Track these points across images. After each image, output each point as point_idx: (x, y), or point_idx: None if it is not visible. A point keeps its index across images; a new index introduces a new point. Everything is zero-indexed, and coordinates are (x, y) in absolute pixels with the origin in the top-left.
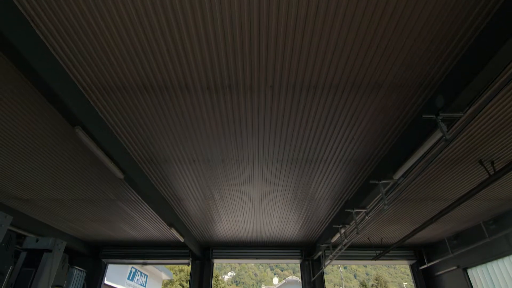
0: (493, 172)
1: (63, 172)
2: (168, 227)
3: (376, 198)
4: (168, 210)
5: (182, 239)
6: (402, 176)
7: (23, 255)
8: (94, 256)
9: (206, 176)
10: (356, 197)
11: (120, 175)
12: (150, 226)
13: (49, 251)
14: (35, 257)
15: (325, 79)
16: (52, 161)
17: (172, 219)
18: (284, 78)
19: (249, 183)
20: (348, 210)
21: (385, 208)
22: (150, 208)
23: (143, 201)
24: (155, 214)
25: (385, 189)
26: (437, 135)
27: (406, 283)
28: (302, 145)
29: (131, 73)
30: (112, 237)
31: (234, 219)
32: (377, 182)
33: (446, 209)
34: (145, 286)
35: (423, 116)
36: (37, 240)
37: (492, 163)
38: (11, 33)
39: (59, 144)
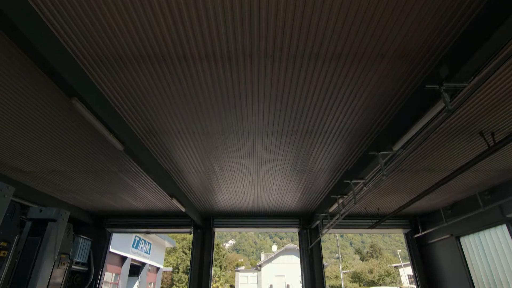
0: (492, 144)
1: (64, 145)
2: (170, 198)
3: (375, 169)
4: (169, 181)
5: (183, 209)
6: (402, 147)
7: (28, 224)
8: (98, 226)
9: (206, 148)
10: (355, 168)
11: (120, 147)
12: (152, 197)
13: (54, 220)
14: (40, 227)
15: (326, 49)
16: (53, 134)
17: (173, 190)
18: (285, 49)
19: (249, 154)
20: (347, 181)
21: (383, 178)
22: (151, 180)
23: (144, 173)
24: (156, 185)
25: (384, 160)
26: (439, 106)
27: (400, 251)
28: (302, 116)
29: (127, 43)
30: (115, 207)
31: (234, 190)
32: (376, 153)
33: (443, 180)
34: (149, 253)
35: (426, 86)
36: (40, 210)
37: (493, 134)
38: (3, 4)
39: (59, 117)
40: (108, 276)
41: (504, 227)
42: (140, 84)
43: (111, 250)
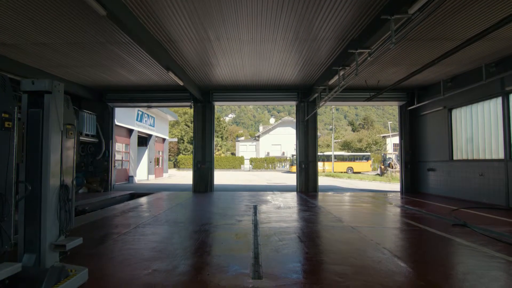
0: None
1: (41, 12)
2: (166, 71)
3: (384, 37)
4: (163, 53)
5: (181, 83)
6: (419, 9)
7: (24, 97)
8: (99, 101)
9: (200, 14)
10: (362, 36)
11: (102, 11)
12: (148, 71)
13: (49, 92)
14: (37, 99)
15: None
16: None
17: (168, 62)
18: None
19: (247, 21)
20: (351, 51)
21: (391, 47)
22: (143, 51)
23: (134, 43)
24: (150, 57)
25: (396, 26)
26: None
27: (390, 122)
28: None
29: None
30: (112, 82)
31: (232, 62)
32: (389, 17)
33: (455, 49)
34: (153, 126)
35: None
36: (33, 83)
37: None
38: None
39: None
40: (118, 146)
41: (498, 100)
42: None
43: (117, 123)
